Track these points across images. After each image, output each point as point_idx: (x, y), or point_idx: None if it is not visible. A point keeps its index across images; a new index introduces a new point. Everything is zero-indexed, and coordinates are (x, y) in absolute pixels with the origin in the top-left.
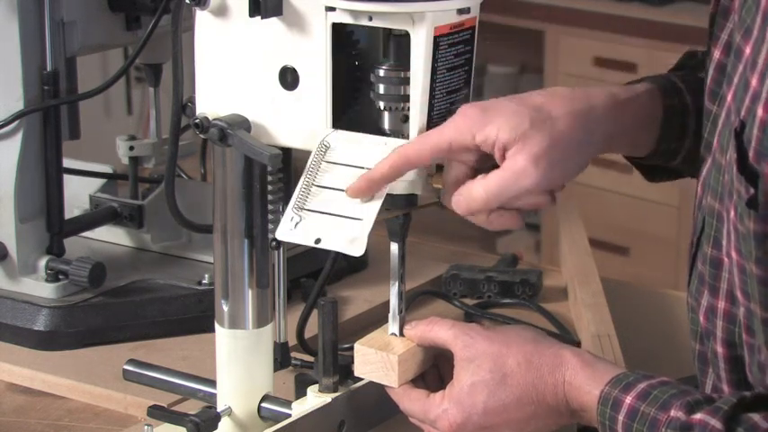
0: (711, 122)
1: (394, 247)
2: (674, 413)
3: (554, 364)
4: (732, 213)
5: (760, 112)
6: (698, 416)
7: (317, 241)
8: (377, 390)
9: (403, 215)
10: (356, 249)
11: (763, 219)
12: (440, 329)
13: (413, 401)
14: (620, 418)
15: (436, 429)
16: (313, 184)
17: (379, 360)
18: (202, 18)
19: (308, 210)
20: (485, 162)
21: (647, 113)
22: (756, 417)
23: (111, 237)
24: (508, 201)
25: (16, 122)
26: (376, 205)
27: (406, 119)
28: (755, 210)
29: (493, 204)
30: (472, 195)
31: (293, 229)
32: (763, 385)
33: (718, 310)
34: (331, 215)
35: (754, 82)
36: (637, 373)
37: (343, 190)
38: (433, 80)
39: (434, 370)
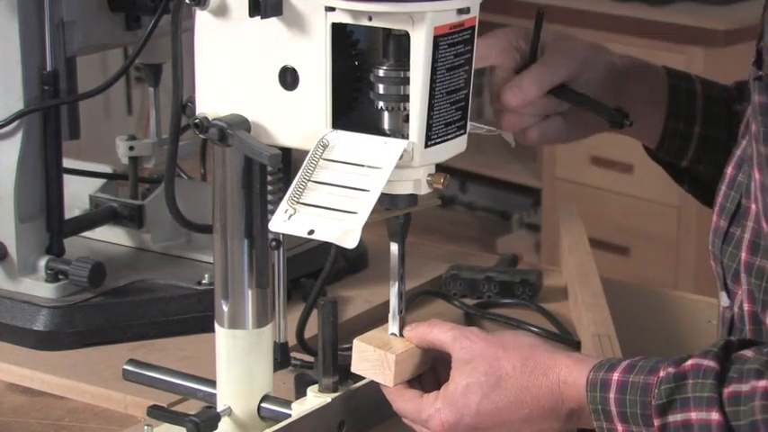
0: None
1: (394, 247)
2: (664, 372)
3: (548, 366)
4: (753, 128)
5: None
6: (689, 362)
7: (311, 232)
8: (376, 390)
9: (403, 215)
10: (349, 241)
11: None
12: (439, 331)
13: (406, 401)
14: (611, 395)
15: (428, 429)
16: (309, 180)
17: (376, 358)
18: (202, 18)
19: (303, 203)
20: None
21: (652, 74)
22: (746, 351)
23: (111, 237)
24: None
25: (16, 122)
26: (372, 200)
27: (406, 119)
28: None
29: (541, 90)
30: (522, 84)
31: (287, 220)
32: None
33: (742, 261)
34: (326, 209)
35: None
36: (618, 358)
37: (339, 186)
38: (432, 80)
39: (432, 374)
